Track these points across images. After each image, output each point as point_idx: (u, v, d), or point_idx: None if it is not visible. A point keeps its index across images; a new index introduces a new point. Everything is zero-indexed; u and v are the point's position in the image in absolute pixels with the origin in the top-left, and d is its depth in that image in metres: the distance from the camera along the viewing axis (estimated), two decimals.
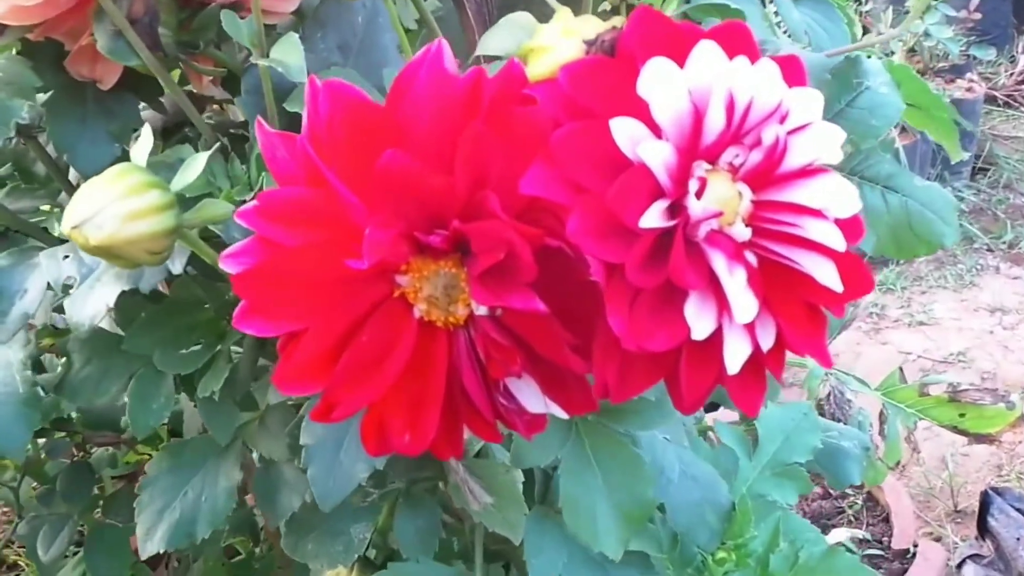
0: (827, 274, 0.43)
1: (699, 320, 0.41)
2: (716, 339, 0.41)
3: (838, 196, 0.43)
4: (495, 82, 0.43)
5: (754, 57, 0.43)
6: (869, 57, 0.85)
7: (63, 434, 0.95)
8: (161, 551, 0.65)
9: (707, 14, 0.67)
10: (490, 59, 0.60)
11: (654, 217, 0.39)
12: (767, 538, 0.67)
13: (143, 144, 0.47)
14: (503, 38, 0.46)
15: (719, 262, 0.41)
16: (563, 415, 0.44)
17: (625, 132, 0.40)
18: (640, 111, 0.40)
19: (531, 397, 0.44)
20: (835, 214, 0.43)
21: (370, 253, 0.39)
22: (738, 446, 0.76)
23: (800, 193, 0.43)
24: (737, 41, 0.43)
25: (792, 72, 0.45)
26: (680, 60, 0.42)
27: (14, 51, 0.58)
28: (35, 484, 0.98)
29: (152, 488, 0.67)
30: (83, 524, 0.93)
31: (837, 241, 0.42)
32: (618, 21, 0.43)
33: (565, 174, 0.40)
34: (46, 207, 0.63)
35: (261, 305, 0.42)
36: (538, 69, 0.44)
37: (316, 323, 0.42)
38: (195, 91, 0.62)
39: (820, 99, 0.44)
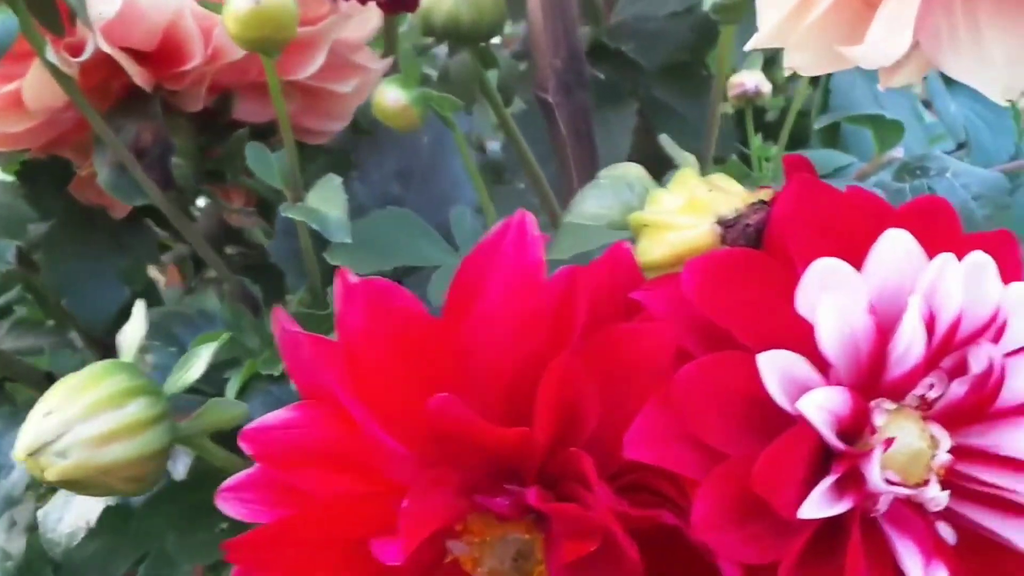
0: None
1: None
2: None
3: None
4: (593, 279, 0.31)
5: (959, 245, 0.31)
6: None
7: None
8: None
9: (858, 123, 0.55)
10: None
11: (819, 502, 0.27)
12: None
13: (132, 330, 0.36)
14: (603, 199, 0.34)
15: (910, 557, 0.28)
16: None
17: (777, 371, 0.28)
18: (801, 335, 0.28)
19: None
20: None
21: (409, 536, 0.27)
22: None
23: (1017, 440, 0.31)
24: (935, 224, 0.31)
25: (1003, 254, 0.33)
26: (855, 253, 0.30)
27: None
28: None
29: None
30: None
31: None
32: (766, 194, 0.31)
33: (688, 430, 0.28)
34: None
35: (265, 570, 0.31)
36: (653, 255, 0.32)
37: None
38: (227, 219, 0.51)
39: None
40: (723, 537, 0.27)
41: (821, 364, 0.28)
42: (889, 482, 0.29)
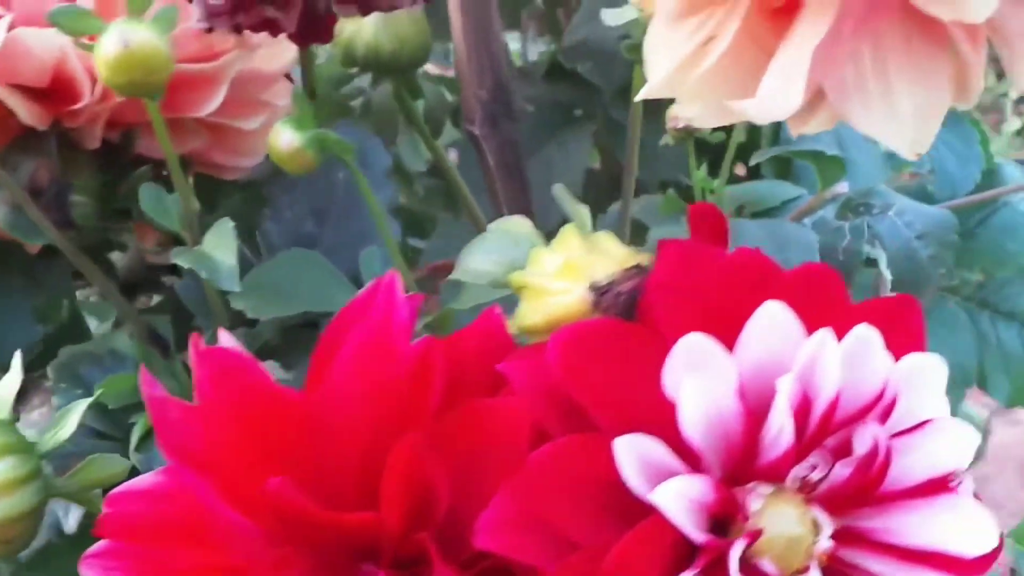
0: None
1: None
2: None
3: (965, 530, 0.29)
4: (463, 346, 0.30)
5: (849, 314, 0.29)
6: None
7: None
8: None
9: (800, 158, 0.53)
10: None
11: None
12: None
13: (7, 383, 0.35)
14: (490, 255, 0.33)
15: None
16: None
17: (636, 457, 0.26)
18: (667, 418, 0.27)
19: None
20: (963, 553, 0.29)
21: None
22: None
23: (905, 525, 0.29)
24: (821, 292, 0.29)
25: (903, 321, 0.31)
26: (733, 326, 0.28)
27: None
28: None
29: None
30: None
31: None
32: (645, 258, 0.30)
33: (544, 518, 0.26)
34: None
35: None
36: (529, 320, 0.30)
37: None
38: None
39: (941, 372, 0.30)
40: None
41: (686, 449, 0.27)
42: (759, 572, 0.27)
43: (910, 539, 0.29)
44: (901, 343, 0.30)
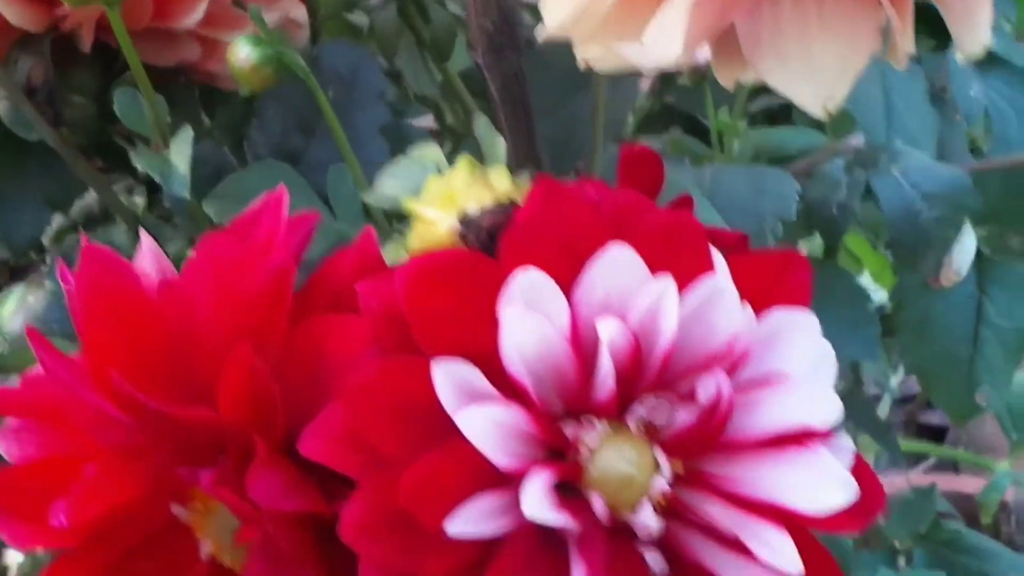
0: None
1: None
2: None
3: (811, 487, 0.28)
4: (341, 265, 0.31)
5: (700, 264, 0.29)
6: None
7: None
8: None
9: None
10: None
11: (470, 519, 0.26)
12: None
13: None
14: (399, 179, 0.33)
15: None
16: None
17: (453, 382, 0.27)
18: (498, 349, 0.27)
19: None
20: (808, 510, 0.28)
21: (81, 506, 0.28)
22: None
23: (752, 476, 0.29)
24: (682, 242, 0.29)
25: (784, 276, 0.31)
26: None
27: None
28: None
29: None
30: None
31: (789, 560, 0.28)
32: (519, 193, 0.30)
33: (364, 433, 0.27)
34: None
35: (13, 512, 0.32)
36: (411, 245, 0.31)
37: (69, 544, 0.32)
38: None
39: (811, 329, 0.29)
40: (370, 544, 0.27)
41: (510, 381, 0.27)
42: (587, 505, 0.28)
43: (754, 490, 0.29)
44: (784, 296, 0.30)
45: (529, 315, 0.27)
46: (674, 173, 0.35)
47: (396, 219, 0.38)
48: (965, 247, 0.71)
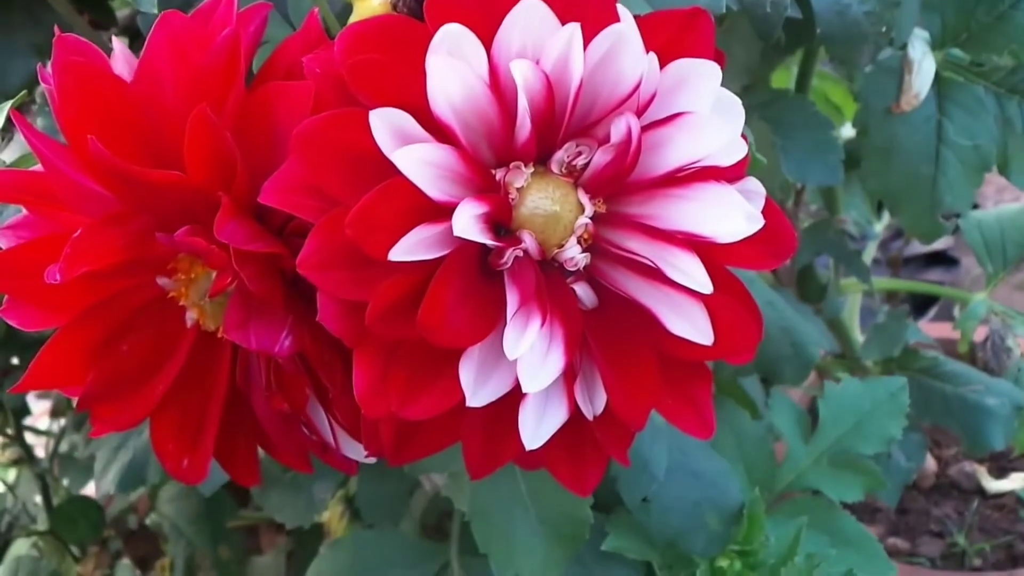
0: (684, 322, 0.32)
1: (481, 384, 0.31)
2: (517, 399, 0.32)
3: (716, 216, 0.32)
4: (292, 43, 0.34)
5: (607, 17, 0.32)
6: None
7: None
8: (113, 492, 0.62)
9: None
10: None
11: (410, 248, 0.30)
12: (784, 546, 0.56)
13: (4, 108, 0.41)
14: None
15: (510, 303, 0.31)
16: (360, 456, 0.36)
17: (388, 127, 0.30)
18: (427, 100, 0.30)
19: (330, 432, 0.36)
20: (714, 236, 0.32)
21: (69, 261, 0.31)
22: (792, 425, 0.65)
23: (662, 210, 0.32)
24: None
25: (689, 30, 0.34)
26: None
27: None
28: None
29: None
30: None
31: (699, 280, 0.31)
32: None
33: (313, 180, 0.31)
34: None
35: (19, 295, 0.36)
36: (351, 20, 0.34)
37: (66, 322, 0.35)
38: None
39: (712, 75, 0.32)
40: (324, 275, 0.30)
41: (440, 127, 0.30)
42: (519, 242, 0.31)
43: (666, 223, 0.32)
44: (688, 50, 0.33)
45: (452, 61, 0.30)
46: None
47: None
48: (924, 70, 0.73)
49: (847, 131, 0.93)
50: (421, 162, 0.30)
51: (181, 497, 0.89)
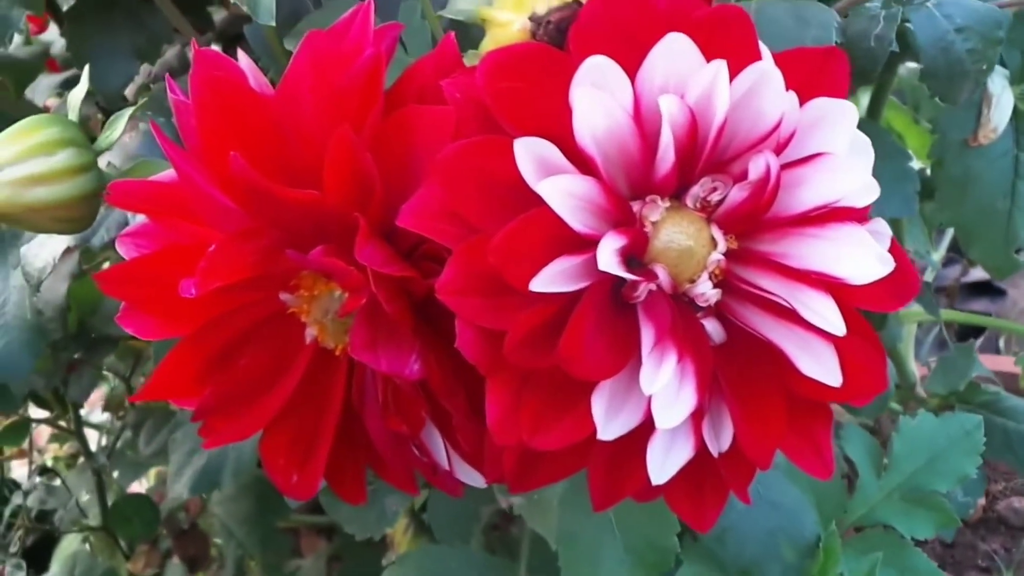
0: (814, 363, 0.32)
1: (611, 417, 0.31)
2: (644, 433, 0.32)
3: (851, 257, 0.32)
4: (425, 67, 0.34)
5: (748, 54, 0.32)
6: None
7: None
8: (186, 495, 0.63)
9: None
10: None
11: (552, 279, 0.30)
12: None
13: (78, 91, 0.41)
14: None
15: (645, 337, 0.31)
16: (480, 483, 0.36)
17: (532, 157, 0.30)
18: (571, 130, 0.30)
19: (444, 455, 0.36)
20: (848, 277, 0.32)
21: (204, 275, 0.32)
22: (865, 458, 0.64)
23: (796, 249, 0.32)
24: (730, 34, 0.32)
25: (825, 70, 0.33)
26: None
27: None
28: None
29: (185, 427, 0.64)
30: None
31: (833, 323, 0.31)
32: None
33: (453, 206, 0.31)
34: None
35: (138, 304, 0.36)
36: (485, 47, 0.34)
37: (187, 333, 0.36)
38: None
39: (849, 115, 0.32)
40: (463, 301, 0.30)
41: (582, 158, 0.30)
42: (653, 275, 0.31)
43: (800, 262, 0.32)
44: (823, 89, 0.33)
45: (597, 93, 0.30)
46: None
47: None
48: (1003, 104, 0.73)
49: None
50: (566, 193, 0.30)
51: (234, 498, 0.89)
